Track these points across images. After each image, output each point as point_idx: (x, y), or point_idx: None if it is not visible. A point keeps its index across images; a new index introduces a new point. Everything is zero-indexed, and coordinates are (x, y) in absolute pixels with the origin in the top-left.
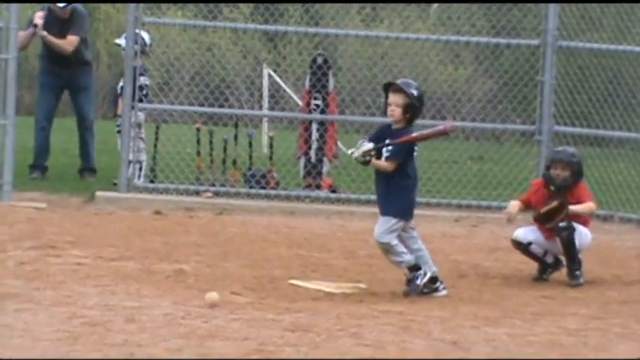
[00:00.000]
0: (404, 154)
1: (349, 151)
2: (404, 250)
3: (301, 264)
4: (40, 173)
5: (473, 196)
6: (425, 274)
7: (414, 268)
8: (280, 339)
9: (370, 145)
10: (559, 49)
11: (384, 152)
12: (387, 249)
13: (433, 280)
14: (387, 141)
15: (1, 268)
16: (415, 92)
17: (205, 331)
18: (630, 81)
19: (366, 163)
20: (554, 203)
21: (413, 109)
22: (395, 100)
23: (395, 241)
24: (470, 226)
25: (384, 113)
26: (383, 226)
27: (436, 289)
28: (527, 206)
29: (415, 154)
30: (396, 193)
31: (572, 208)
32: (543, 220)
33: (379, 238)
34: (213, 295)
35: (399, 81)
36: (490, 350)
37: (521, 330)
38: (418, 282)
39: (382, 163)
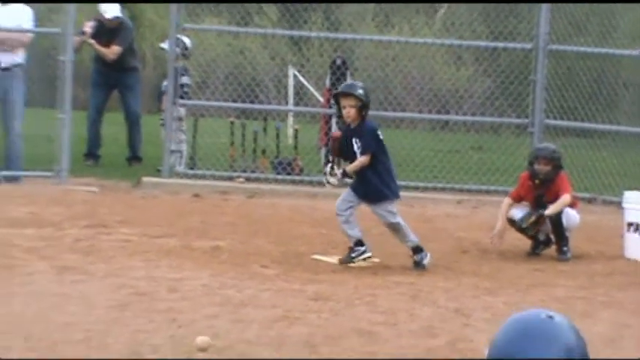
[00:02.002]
0: (375, 143)
1: (329, 182)
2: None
3: (323, 241)
4: (93, 161)
5: (473, 181)
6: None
7: (418, 249)
8: (304, 306)
9: (328, 168)
10: (549, 52)
11: (356, 150)
12: (397, 229)
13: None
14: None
15: (59, 244)
16: (362, 92)
17: (239, 299)
18: (612, 80)
19: (349, 177)
20: (533, 218)
21: (365, 106)
22: (348, 103)
23: (403, 221)
24: (471, 208)
25: (340, 117)
26: (388, 210)
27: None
28: (519, 200)
29: (381, 137)
30: (385, 176)
31: (549, 211)
32: (531, 230)
33: (393, 219)
34: (203, 340)
35: (343, 87)
36: (488, 316)
37: (516, 298)
38: (425, 262)
39: (359, 160)
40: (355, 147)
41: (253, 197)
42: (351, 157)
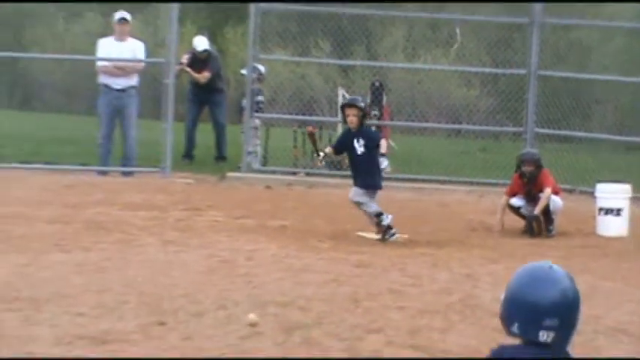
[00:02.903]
0: (378, 136)
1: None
2: None
3: (364, 222)
4: (189, 160)
5: (480, 175)
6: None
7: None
8: (350, 272)
9: (314, 155)
10: (539, 76)
11: (360, 148)
12: (379, 214)
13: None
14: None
15: (164, 223)
16: (363, 104)
17: (299, 266)
18: (587, 98)
19: (327, 156)
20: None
21: (364, 115)
22: (352, 112)
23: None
24: (477, 196)
25: (345, 122)
26: (373, 198)
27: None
28: (513, 195)
29: None
30: (377, 170)
31: (538, 210)
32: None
33: (376, 209)
34: (252, 317)
35: (349, 100)
36: (492, 280)
37: (514, 265)
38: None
39: (383, 143)
40: (357, 145)
41: (311, 188)
42: (351, 153)
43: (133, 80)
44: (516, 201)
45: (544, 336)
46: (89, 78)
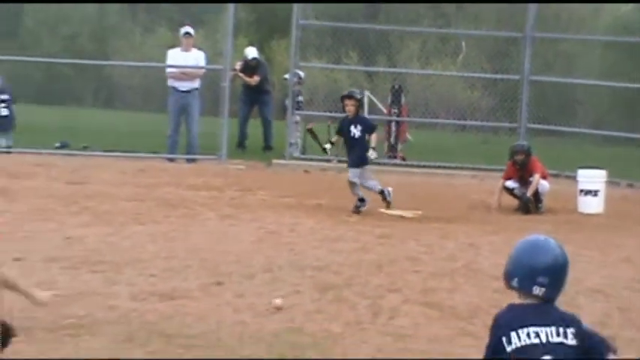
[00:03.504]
0: (371, 124)
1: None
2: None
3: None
4: (241, 149)
5: (481, 163)
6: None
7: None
8: (374, 242)
9: (323, 145)
10: (530, 81)
11: (357, 132)
12: (367, 187)
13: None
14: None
15: (221, 201)
16: (359, 96)
17: (332, 237)
18: (572, 99)
19: (332, 144)
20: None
21: (360, 105)
22: (350, 102)
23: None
24: (479, 180)
25: (342, 111)
26: (367, 173)
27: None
28: (508, 178)
29: None
30: (366, 151)
31: (530, 191)
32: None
33: (376, 185)
34: (278, 302)
35: (348, 92)
36: (492, 248)
37: (509, 237)
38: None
39: (373, 137)
40: (353, 130)
41: (341, 172)
42: (348, 136)
43: (196, 83)
44: (511, 184)
45: (536, 290)
46: (160, 82)
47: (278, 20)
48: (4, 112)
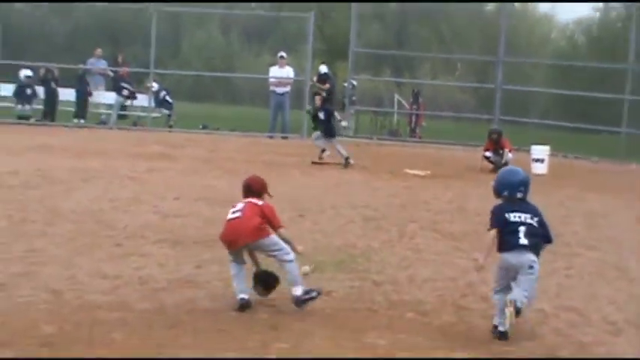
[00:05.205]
0: (332, 110)
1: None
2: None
3: (409, 163)
4: (315, 131)
5: (470, 140)
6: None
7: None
8: (400, 191)
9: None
10: (502, 90)
11: (322, 117)
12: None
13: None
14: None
15: (302, 163)
16: (325, 93)
17: (373, 187)
18: (528, 100)
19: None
20: (497, 166)
21: (324, 100)
22: (318, 98)
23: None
24: (469, 152)
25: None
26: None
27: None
28: (487, 150)
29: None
30: (331, 127)
31: (503, 160)
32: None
33: (341, 150)
34: (305, 268)
35: (316, 89)
36: (477, 196)
37: (487, 188)
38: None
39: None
40: (320, 115)
41: (380, 146)
42: (317, 119)
43: (287, 88)
44: (488, 154)
45: (519, 194)
46: (265, 87)
47: (340, 48)
48: (169, 98)
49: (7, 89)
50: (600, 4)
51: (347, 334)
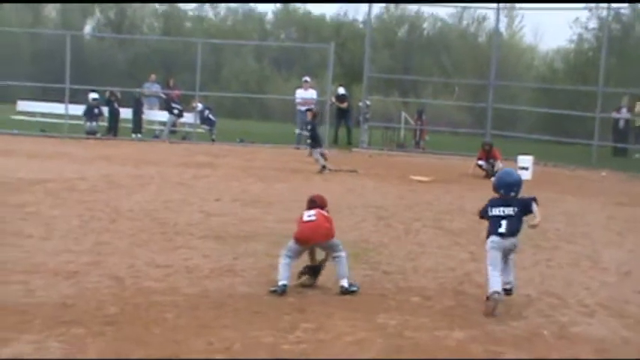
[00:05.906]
0: (317, 124)
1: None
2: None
3: (415, 171)
4: (335, 143)
5: (466, 151)
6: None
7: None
8: (406, 194)
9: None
10: (493, 108)
11: (309, 127)
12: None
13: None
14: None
15: (323, 172)
16: (314, 112)
17: (383, 191)
18: (515, 117)
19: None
20: (487, 175)
21: (314, 116)
22: (309, 113)
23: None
24: (465, 161)
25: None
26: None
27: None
28: (480, 159)
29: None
30: (319, 140)
31: (495, 169)
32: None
33: (323, 163)
34: (303, 279)
35: (307, 107)
36: (472, 198)
37: (481, 192)
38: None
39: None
40: (309, 127)
41: (390, 157)
42: (310, 131)
43: (310, 106)
44: (481, 162)
45: (513, 193)
46: (292, 106)
47: (356, 73)
48: (212, 116)
49: (78, 109)
50: (574, 36)
51: (362, 315)
